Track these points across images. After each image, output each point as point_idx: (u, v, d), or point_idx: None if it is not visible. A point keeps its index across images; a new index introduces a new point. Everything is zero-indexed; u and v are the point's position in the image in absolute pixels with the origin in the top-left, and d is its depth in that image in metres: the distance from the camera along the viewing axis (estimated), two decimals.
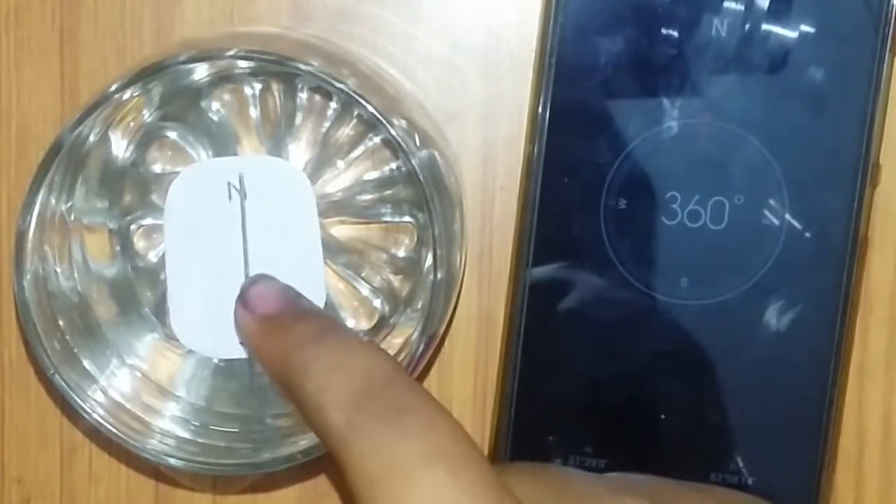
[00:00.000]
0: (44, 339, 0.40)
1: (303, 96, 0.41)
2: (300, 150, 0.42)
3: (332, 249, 0.42)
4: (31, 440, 0.49)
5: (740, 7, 0.44)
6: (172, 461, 0.40)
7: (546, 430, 0.45)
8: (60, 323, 0.41)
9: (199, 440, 0.41)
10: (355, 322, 0.42)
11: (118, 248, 0.42)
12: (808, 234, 0.45)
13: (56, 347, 0.40)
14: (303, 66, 0.38)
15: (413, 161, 0.38)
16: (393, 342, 0.42)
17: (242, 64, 0.40)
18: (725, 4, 0.44)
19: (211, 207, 0.40)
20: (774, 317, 0.45)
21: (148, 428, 0.41)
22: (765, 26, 0.44)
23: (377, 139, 0.41)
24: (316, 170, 0.41)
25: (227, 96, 0.41)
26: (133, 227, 0.42)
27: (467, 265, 0.46)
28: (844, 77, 0.44)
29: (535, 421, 0.45)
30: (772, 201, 0.45)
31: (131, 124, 0.41)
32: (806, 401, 0.45)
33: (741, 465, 0.45)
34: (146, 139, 0.42)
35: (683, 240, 0.44)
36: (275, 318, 0.39)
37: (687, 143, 0.45)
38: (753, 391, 0.45)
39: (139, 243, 0.42)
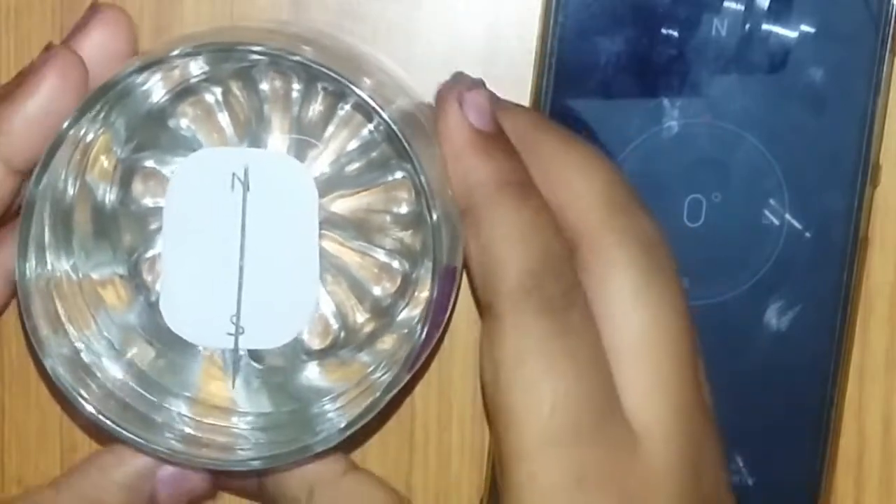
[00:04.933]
0: (32, 227, 0.39)
1: (264, 87, 0.41)
2: (277, 139, 0.41)
3: (339, 224, 0.42)
4: (31, 440, 0.49)
5: (740, 7, 0.44)
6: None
7: None
8: (46, 219, 0.40)
9: (100, 383, 0.41)
10: (380, 288, 0.42)
11: (118, 179, 0.42)
12: (808, 234, 0.45)
13: (38, 237, 0.40)
14: (254, 48, 0.38)
15: (384, 115, 0.38)
16: (420, 297, 0.41)
17: (195, 70, 0.40)
18: (725, 4, 0.44)
19: (212, 196, 0.40)
20: (774, 317, 0.45)
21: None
22: (765, 26, 0.44)
23: (347, 106, 0.41)
24: (298, 153, 0.41)
25: (190, 109, 0.41)
26: (138, 165, 0.42)
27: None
28: (844, 77, 0.44)
29: None
30: (772, 201, 0.45)
31: (105, 165, 0.41)
32: (806, 401, 0.45)
33: (741, 464, 0.46)
34: (126, 175, 0.42)
35: (683, 240, 0.44)
36: (488, 138, 0.39)
37: (687, 143, 0.45)
38: (753, 391, 0.45)
39: (137, 184, 0.42)
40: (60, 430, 0.49)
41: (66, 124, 0.38)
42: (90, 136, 0.40)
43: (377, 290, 0.42)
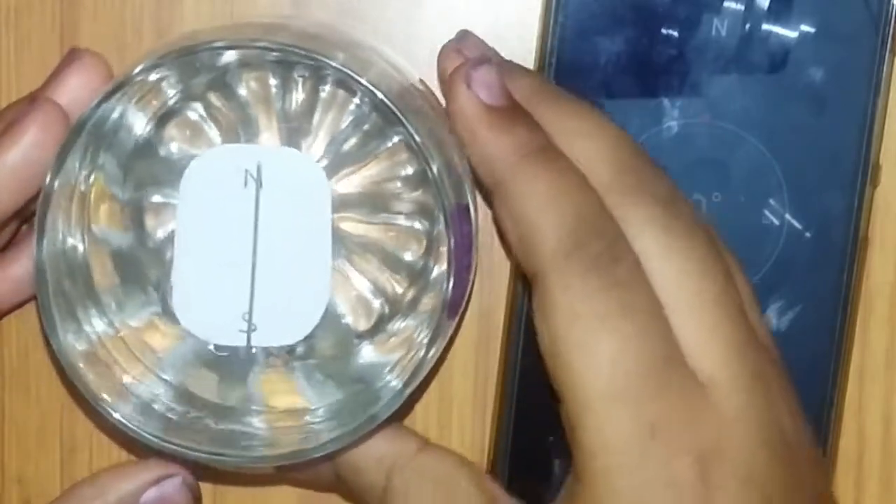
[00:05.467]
0: (52, 298, 0.39)
1: (242, 91, 0.41)
2: (317, 144, 0.42)
3: (353, 203, 0.42)
4: (31, 440, 0.49)
5: (740, 7, 0.44)
6: (150, 440, 0.40)
7: (546, 430, 0.45)
8: (65, 284, 0.40)
9: (178, 421, 0.41)
10: (410, 253, 0.42)
11: (128, 221, 0.42)
12: (808, 234, 0.45)
13: (60, 306, 0.40)
14: (332, 63, 0.38)
15: (363, 81, 0.38)
16: (395, 348, 0.42)
17: (170, 91, 0.40)
18: (725, 4, 0.44)
19: (226, 192, 0.40)
20: (774, 317, 0.45)
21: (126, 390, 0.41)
22: (765, 26, 0.44)
23: (327, 87, 0.41)
24: (331, 165, 0.41)
25: (176, 132, 0.41)
26: (144, 202, 0.42)
27: None
28: (844, 77, 0.44)
29: (535, 421, 0.45)
30: (772, 201, 0.45)
31: (154, 102, 0.41)
32: (806, 401, 0.45)
33: None
34: (166, 116, 0.42)
35: None
36: (502, 113, 0.39)
37: (687, 143, 0.45)
38: None
39: (148, 219, 0.42)
40: (60, 430, 0.49)
41: (48, 178, 0.38)
42: (83, 186, 0.40)
43: (407, 256, 0.42)
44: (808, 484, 0.39)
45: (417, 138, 0.38)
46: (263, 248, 0.41)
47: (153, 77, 0.40)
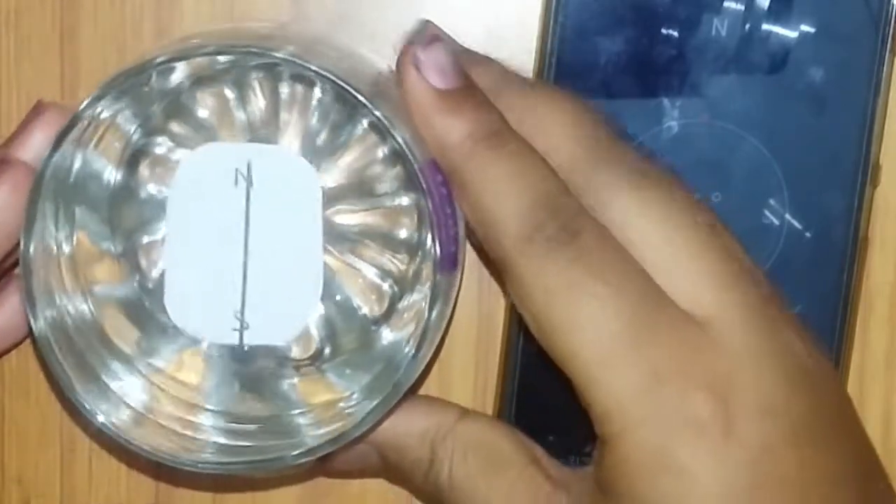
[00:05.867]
0: (62, 361, 0.40)
1: (284, 89, 0.41)
2: (291, 144, 0.41)
3: (335, 237, 0.42)
4: (31, 440, 0.49)
5: (740, 7, 0.44)
6: (210, 466, 0.40)
7: (546, 430, 0.45)
8: (83, 352, 0.41)
9: (232, 443, 0.41)
10: (367, 308, 0.42)
11: (127, 270, 0.42)
12: (808, 234, 0.45)
13: (75, 369, 0.40)
14: (278, 54, 0.38)
15: (398, 139, 0.38)
16: (409, 322, 0.41)
17: (220, 60, 0.40)
18: (725, 4, 0.44)
19: (216, 191, 0.40)
20: None
21: (184, 439, 0.41)
22: (765, 26, 0.44)
23: (364, 123, 0.41)
24: (335, 195, 0.41)
25: (209, 100, 0.41)
26: (137, 247, 0.42)
27: (467, 266, 0.45)
28: (844, 77, 0.44)
29: (535, 421, 0.45)
30: (772, 201, 0.45)
31: (115, 144, 0.41)
32: None
33: None
34: (134, 158, 0.42)
35: None
36: (453, 97, 0.39)
37: (687, 143, 0.45)
38: None
39: (144, 261, 0.42)
40: (60, 430, 0.49)
41: (22, 243, 0.39)
42: (66, 248, 0.41)
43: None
44: (831, 404, 0.39)
45: (377, 112, 0.38)
46: (255, 246, 0.41)
47: (105, 114, 0.40)
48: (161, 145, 0.41)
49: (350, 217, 0.42)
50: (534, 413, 0.45)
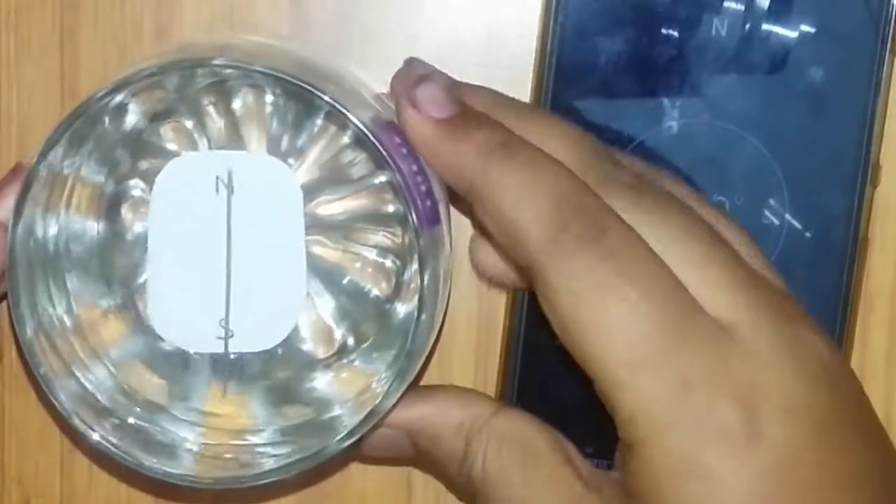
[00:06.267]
0: (104, 433, 0.40)
1: (237, 104, 0.41)
2: (304, 167, 0.42)
3: (325, 228, 0.42)
4: (31, 440, 0.49)
5: (740, 7, 0.44)
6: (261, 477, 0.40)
7: None
8: (118, 412, 0.41)
9: (282, 452, 0.41)
10: (377, 288, 0.42)
11: (132, 321, 0.42)
12: (808, 234, 0.45)
13: (120, 434, 0.40)
14: (217, 61, 0.38)
15: (350, 117, 0.38)
16: (415, 292, 0.41)
17: (167, 88, 0.40)
18: (725, 4, 0.44)
19: (197, 199, 0.40)
20: None
21: (241, 465, 0.41)
22: (765, 26, 0.44)
23: (321, 115, 0.41)
24: (313, 189, 0.41)
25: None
26: (135, 293, 0.42)
27: (466, 265, 0.45)
28: (844, 77, 0.44)
29: None
30: (772, 201, 0.45)
31: (87, 197, 0.41)
32: None
33: None
34: (114, 204, 0.41)
35: None
36: (453, 122, 0.39)
37: (687, 143, 0.45)
38: None
39: (142, 305, 0.42)
40: (60, 430, 0.49)
41: (34, 161, 0.38)
42: (65, 171, 0.40)
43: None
44: (850, 402, 0.39)
45: (326, 98, 0.38)
46: (238, 254, 0.40)
47: (67, 169, 0.39)
48: (136, 187, 0.41)
49: (334, 206, 0.42)
50: (534, 413, 0.45)
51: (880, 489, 0.38)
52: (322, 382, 0.42)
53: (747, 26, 0.44)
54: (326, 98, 0.38)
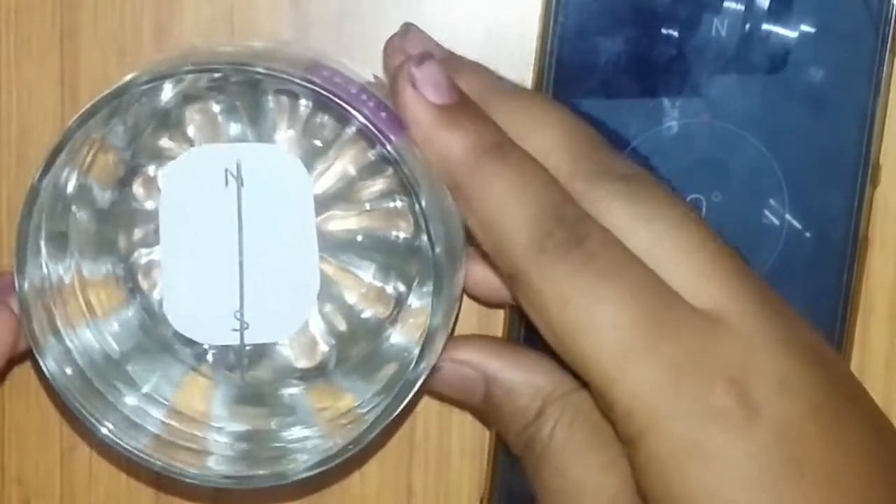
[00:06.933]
0: (80, 399, 0.40)
1: (269, 101, 0.41)
2: (322, 178, 0.42)
3: (329, 245, 0.42)
4: (31, 440, 0.49)
5: (740, 7, 0.44)
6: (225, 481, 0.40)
7: None
8: (90, 377, 0.41)
9: (241, 456, 0.41)
10: (372, 311, 0.42)
11: (128, 293, 0.42)
12: (808, 234, 0.45)
13: (91, 399, 0.40)
14: (261, 69, 0.38)
15: (387, 146, 0.38)
16: (416, 322, 0.41)
17: (208, 78, 0.40)
18: (725, 4, 0.44)
19: (207, 193, 0.40)
20: None
21: (193, 454, 0.41)
22: (765, 26, 0.44)
23: (351, 129, 0.41)
24: (327, 202, 0.41)
25: (197, 116, 0.41)
26: (136, 268, 0.42)
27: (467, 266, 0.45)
28: (844, 77, 0.44)
29: None
30: (772, 201, 0.45)
31: (108, 164, 0.41)
32: None
33: None
34: (128, 176, 0.41)
35: None
36: (451, 111, 0.39)
37: (687, 143, 0.45)
38: None
39: (144, 282, 0.42)
40: (60, 430, 0.49)
41: (72, 123, 0.38)
42: (95, 135, 0.40)
43: (368, 314, 0.42)
44: (843, 381, 0.39)
45: (362, 120, 0.38)
46: (250, 246, 0.41)
47: (95, 133, 0.39)
48: (152, 163, 0.41)
49: (343, 222, 0.42)
50: None
51: (881, 457, 0.39)
52: (294, 393, 0.42)
53: (747, 26, 0.44)
54: (363, 121, 0.38)
